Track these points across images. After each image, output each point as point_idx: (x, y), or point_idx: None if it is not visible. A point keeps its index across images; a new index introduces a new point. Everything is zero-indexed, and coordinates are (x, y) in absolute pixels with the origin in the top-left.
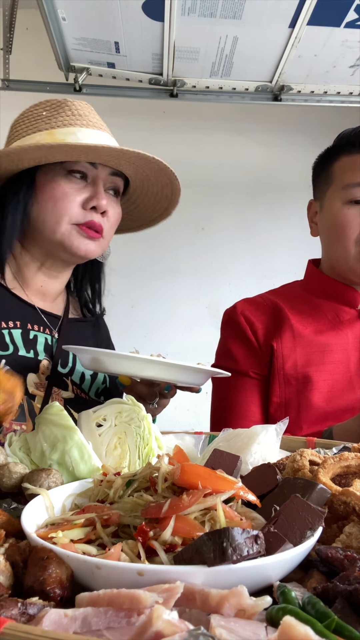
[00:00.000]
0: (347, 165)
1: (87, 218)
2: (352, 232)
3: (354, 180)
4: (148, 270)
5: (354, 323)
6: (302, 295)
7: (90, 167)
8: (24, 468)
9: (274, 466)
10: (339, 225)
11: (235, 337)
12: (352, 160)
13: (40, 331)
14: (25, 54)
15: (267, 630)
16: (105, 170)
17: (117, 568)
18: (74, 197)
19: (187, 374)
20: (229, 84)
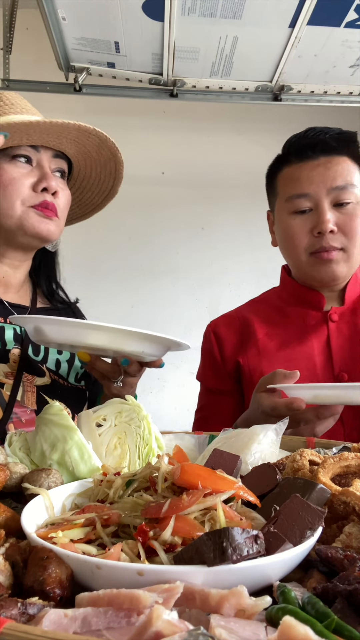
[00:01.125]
0: (288, 176)
1: (39, 199)
2: (300, 241)
3: (294, 192)
4: (148, 270)
5: (320, 328)
6: (275, 304)
7: (33, 150)
8: (24, 468)
9: (274, 466)
10: (287, 237)
11: (205, 353)
12: (292, 171)
13: (6, 322)
14: (25, 54)
15: (267, 630)
16: (48, 152)
17: (117, 568)
18: (23, 181)
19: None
20: (229, 84)
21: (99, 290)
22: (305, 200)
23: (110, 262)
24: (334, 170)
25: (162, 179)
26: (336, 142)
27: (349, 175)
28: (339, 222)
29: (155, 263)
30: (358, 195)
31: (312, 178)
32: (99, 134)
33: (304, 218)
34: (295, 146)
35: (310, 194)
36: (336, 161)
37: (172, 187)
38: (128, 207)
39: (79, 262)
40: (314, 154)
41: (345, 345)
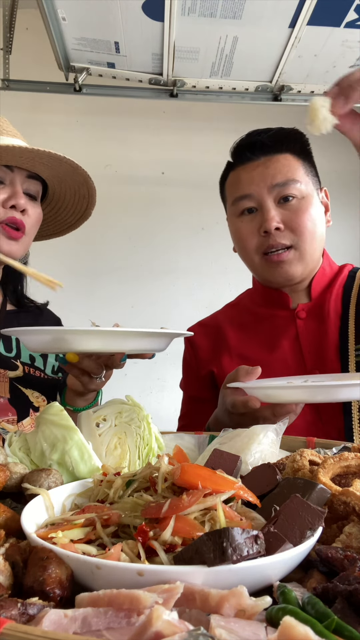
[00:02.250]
0: (231, 180)
1: (8, 215)
2: (250, 242)
3: (237, 194)
4: (148, 270)
5: (288, 326)
6: (248, 307)
7: (7, 170)
8: (24, 468)
9: (274, 466)
10: (238, 239)
11: (183, 361)
12: (234, 175)
13: None
14: (25, 54)
15: (267, 630)
16: (22, 173)
17: (117, 568)
18: None
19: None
20: (229, 84)
21: (99, 290)
22: (248, 200)
23: (110, 262)
24: (273, 167)
25: (162, 179)
26: (274, 141)
27: (290, 171)
28: (285, 219)
29: (155, 263)
30: (303, 190)
31: (252, 178)
32: (70, 162)
33: (251, 218)
34: (235, 151)
35: (252, 193)
36: (276, 159)
37: (172, 187)
38: (128, 207)
39: (79, 262)
40: (254, 155)
41: (314, 341)
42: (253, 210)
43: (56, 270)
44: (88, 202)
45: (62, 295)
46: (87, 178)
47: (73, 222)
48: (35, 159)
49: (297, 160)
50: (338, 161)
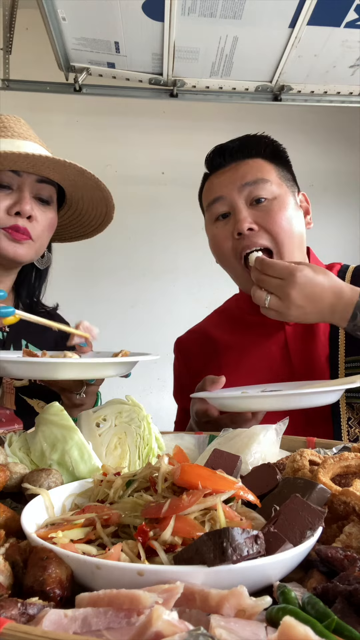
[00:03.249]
0: (205, 189)
1: (11, 222)
2: (226, 246)
3: (209, 198)
4: (148, 270)
5: (277, 333)
6: (235, 313)
7: (14, 175)
8: (24, 468)
9: (274, 466)
10: (214, 245)
11: (174, 372)
12: (207, 183)
13: None
14: (25, 54)
15: (267, 630)
16: (31, 177)
17: (117, 568)
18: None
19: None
20: (229, 84)
21: (99, 290)
22: (220, 204)
23: (110, 262)
24: (242, 170)
25: (162, 179)
26: (243, 147)
27: (260, 171)
28: (258, 220)
29: (155, 263)
30: (275, 191)
31: (222, 181)
32: (74, 166)
33: (224, 223)
34: (208, 161)
35: (223, 195)
36: (245, 162)
37: (172, 187)
38: (128, 207)
39: (79, 262)
40: (224, 161)
41: (302, 348)
42: (227, 215)
43: (56, 270)
44: (106, 204)
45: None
46: (98, 182)
47: (97, 225)
48: (38, 163)
49: (269, 164)
50: (338, 161)
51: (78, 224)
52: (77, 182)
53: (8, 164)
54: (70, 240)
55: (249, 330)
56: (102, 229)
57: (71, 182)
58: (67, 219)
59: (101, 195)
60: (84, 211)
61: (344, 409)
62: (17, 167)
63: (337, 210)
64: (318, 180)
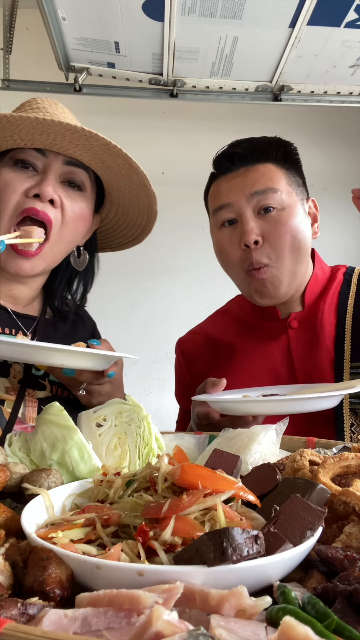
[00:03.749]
0: (212, 192)
1: (26, 205)
2: (233, 254)
3: (216, 204)
4: (148, 270)
5: (279, 336)
6: (237, 315)
7: (39, 155)
8: (24, 468)
9: (274, 466)
10: (219, 251)
11: (175, 373)
12: (215, 186)
13: (11, 334)
14: (25, 54)
15: (267, 630)
16: (58, 158)
17: (117, 568)
18: (16, 186)
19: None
20: (229, 84)
21: (98, 290)
22: (227, 211)
23: (110, 262)
24: (252, 177)
25: (162, 179)
26: (254, 151)
27: (270, 180)
28: (264, 232)
29: (155, 263)
30: (284, 200)
31: (231, 187)
32: (97, 136)
33: (231, 230)
34: (216, 161)
35: (231, 203)
36: (256, 169)
37: (172, 187)
38: None
39: None
40: (234, 165)
41: (306, 352)
42: (233, 221)
43: None
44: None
45: None
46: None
47: (143, 223)
48: (59, 136)
49: (279, 169)
50: (338, 161)
51: (125, 225)
52: (108, 163)
53: (26, 137)
54: (121, 247)
55: (252, 333)
56: (148, 228)
57: (102, 164)
58: (112, 219)
59: (137, 180)
60: (127, 206)
61: (347, 415)
62: (37, 144)
63: (337, 210)
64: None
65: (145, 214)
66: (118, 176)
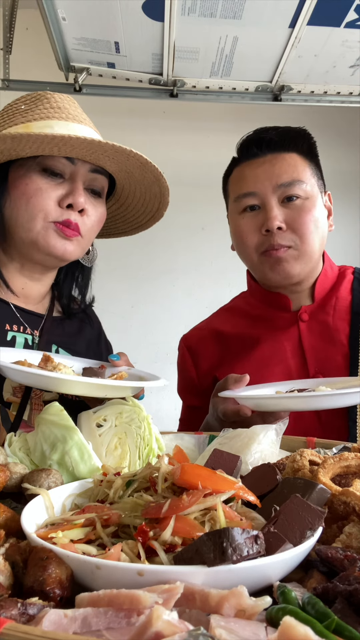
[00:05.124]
0: (235, 176)
1: (63, 216)
2: (250, 239)
3: (241, 191)
4: (148, 270)
5: (289, 328)
6: (244, 310)
7: (68, 162)
8: (24, 468)
9: (274, 466)
10: (237, 236)
11: (179, 369)
12: (238, 171)
13: (19, 331)
14: (25, 54)
15: (267, 630)
16: (85, 166)
17: (117, 568)
18: (49, 194)
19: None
20: (229, 84)
21: (98, 290)
22: (251, 198)
23: (110, 262)
24: (279, 166)
25: None
26: (282, 139)
27: (296, 171)
28: (287, 219)
29: (155, 263)
30: (308, 190)
31: (258, 176)
32: (139, 157)
33: (253, 216)
34: (242, 146)
35: (257, 192)
36: (282, 157)
37: (172, 187)
38: None
39: None
40: (260, 151)
41: (318, 345)
42: (255, 207)
43: None
44: (160, 202)
45: None
46: (159, 176)
47: (144, 222)
48: (98, 151)
49: (304, 160)
50: (338, 161)
51: (121, 220)
52: (134, 175)
53: (65, 150)
54: (108, 236)
55: (260, 324)
56: (148, 226)
57: (127, 174)
58: (111, 213)
59: (158, 191)
60: (131, 207)
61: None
62: (75, 154)
63: (337, 210)
64: None
65: (149, 215)
66: (138, 184)
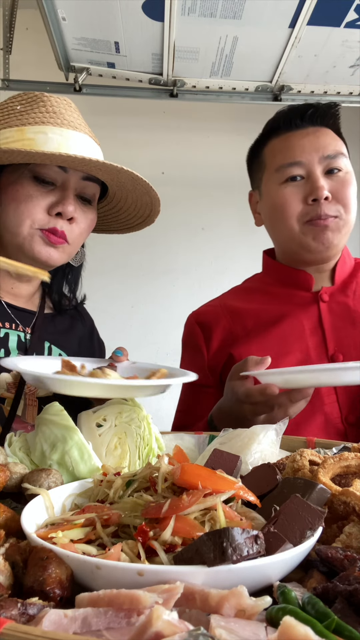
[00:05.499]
0: (277, 147)
1: (50, 224)
2: (293, 209)
3: (285, 161)
4: (148, 270)
5: (309, 307)
6: (259, 288)
7: (60, 171)
8: (24, 468)
9: (274, 466)
10: (278, 206)
11: (188, 347)
12: (280, 141)
13: (11, 328)
14: (25, 54)
15: (267, 630)
16: (77, 175)
17: (117, 568)
18: (39, 201)
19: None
20: (229, 84)
21: (98, 290)
22: (297, 167)
23: (110, 262)
24: (323, 139)
25: (162, 179)
26: (320, 113)
27: (338, 145)
28: (332, 190)
29: (155, 263)
30: (347, 165)
31: (304, 146)
32: (131, 173)
33: (296, 186)
34: (283, 117)
35: (303, 161)
36: (324, 131)
37: (172, 187)
38: None
39: None
40: (302, 122)
41: (338, 325)
42: (297, 178)
43: None
44: (151, 210)
45: None
46: (150, 189)
47: (134, 225)
48: (90, 164)
49: (338, 137)
50: None
51: (113, 220)
52: (126, 185)
53: (57, 160)
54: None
55: (278, 300)
56: (138, 229)
57: (119, 185)
58: (102, 213)
59: (148, 200)
60: (123, 210)
61: None
62: (66, 165)
63: None
64: None
65: (141, 220)
66: (129, 192)
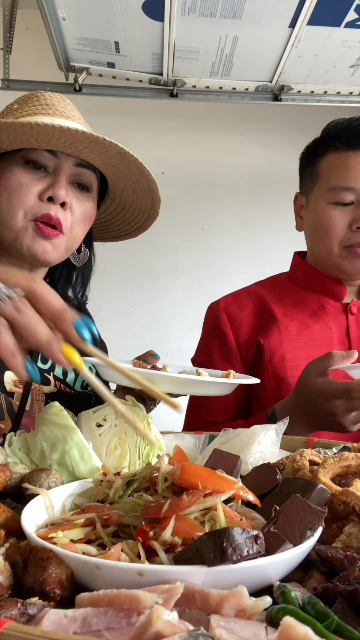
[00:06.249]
0: (334, 164)
1: (42, 210)
2: (337, 232)
3: (339, 184)
4: (148, 270)
5: (338, 316)
6: (287, 287)
7: (51, 156)
8: (24, 468)
9: (274, 466)
10: (323, 225)
11: (213, 335)
12: (338, 159)
13: None
14: (25, 54)
15: (267, 630)
16: (69, 160)
17: (117, 568)
18: (29, 188)
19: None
20: (229, 84)
21: (99, 290)
22: (349, 193)
23: (110, 262)
24: None
25: (162, 179)
26: None
27: None
28: None
29: (155, 263)
30: None
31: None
32: (117, 146)
33: (344, 210)
34: (343, 132)
35: (357, 188)
36: None
37: (172, 187)
38: None
39: None
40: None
41: None
42: (348, 203)
43: None
44: (152, 198)
45: None
46: (142, 167)
47: (142, 221)
48: (76, 142)
49: None
50: None
51: (122, 221)
52: (120, 168)
53: (43, 141)
54: (113, 239)
55: (307, 306)
56: (147, 226)
57: (113, 169)
58: (110, 214)
59: (146, 185)
60: (128, 205)
61: None
62: (53, 146)
63: None
64: None
65: (146, 214)
66: (126, 179)
